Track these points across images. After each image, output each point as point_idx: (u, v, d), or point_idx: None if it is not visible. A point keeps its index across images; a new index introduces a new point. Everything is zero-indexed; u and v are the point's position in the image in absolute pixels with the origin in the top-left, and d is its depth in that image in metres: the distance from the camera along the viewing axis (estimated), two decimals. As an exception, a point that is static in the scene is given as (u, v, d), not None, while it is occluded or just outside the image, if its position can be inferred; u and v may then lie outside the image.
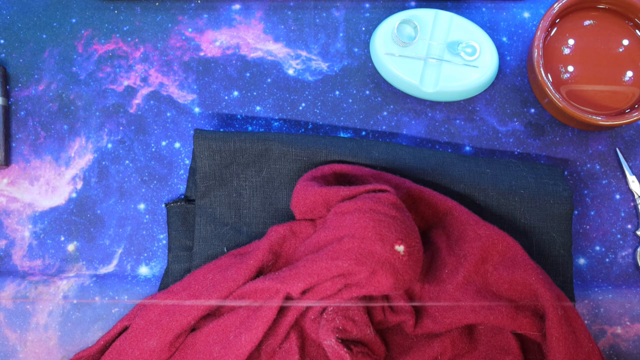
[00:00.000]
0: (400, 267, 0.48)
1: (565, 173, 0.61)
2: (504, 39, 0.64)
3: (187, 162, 0.62)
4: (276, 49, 0.64)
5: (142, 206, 0.62)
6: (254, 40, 0.64)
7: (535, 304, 0.50)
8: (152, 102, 0.63)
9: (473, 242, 0.52)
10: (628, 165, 0.61)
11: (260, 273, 0.54)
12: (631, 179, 0.61)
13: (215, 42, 0.64)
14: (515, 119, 0.63)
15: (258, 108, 0.63)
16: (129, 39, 0.65)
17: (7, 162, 0.62)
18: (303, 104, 0.63)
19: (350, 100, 0.63)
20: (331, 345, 0.50)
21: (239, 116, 0.63)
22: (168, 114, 0.63)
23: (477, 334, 0.53)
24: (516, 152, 0.62)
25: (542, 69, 0.58)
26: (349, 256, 0.48)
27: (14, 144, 0.63)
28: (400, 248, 0.48)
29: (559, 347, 0.48)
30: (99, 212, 0.62)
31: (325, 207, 0.53)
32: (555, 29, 0.61)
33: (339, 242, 0.49)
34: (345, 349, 0.49)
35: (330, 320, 0.51)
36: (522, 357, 0.51)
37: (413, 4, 0.65)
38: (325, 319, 0.51)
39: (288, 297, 0.51)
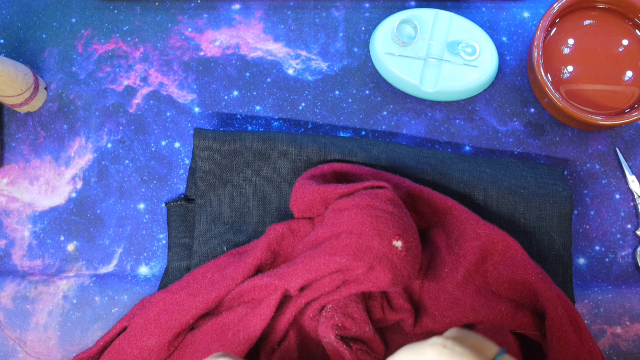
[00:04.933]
0: (399, 263, 0.48)
1: (565, 173, 0.61)
2: (504, 39, 0.64)
3: (187, 162, 0.62)
4: (276, 49, 0.64)
5: (142, 206, 0.62)
6: (254, 40, 0.64)
7: (535, 304, 0.50)
8: (152, 102, 0.63)
9: (473, 242, 0.52)
10: (628, 165, 0.61)
11: (259, 271, 0.54)
12: (631, 179, 0.61)
13: (215, 42, 0.64)
14: (515, 119, 0.63)
15: (258, 108, 0.63)
16: (129, 39, 0.65)
17: (1, 163, 0.62)
18: (303, 104, 0.63)
19: (350, 100, 0.63)
20: (330, 343, 0.50)
21: (239, 116, 0.63)
22: (168, 114, 0.63)
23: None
24: (516, 152, 0.62)
25: (542, 69, 0.58)
26: (346, 252, 0.48)
27: (13, 144, 0.63)
28: (398, 244, 0.48)
29: (559, 347, 0.48)
30: (99, 212, 0.62)
31: (324, 205, 0.53)
32: (555, 29, 0.61)
33: (337, 239, 0.49)
34: (344, 346, 0.49)
35: (329, 318, 0.51)
36: (521, 356, 0.51)
37: (413, 4, 0.65)
38: (325, 317, 0.51)
39: (287, 295, 0.51)
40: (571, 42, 0.61)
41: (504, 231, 0.53)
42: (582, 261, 0.60)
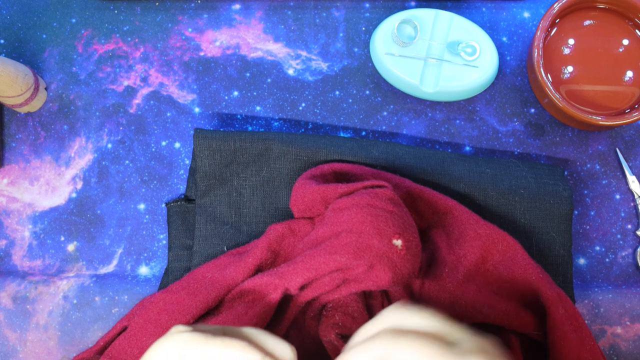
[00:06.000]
0: (399, 261, 0.48)
1: (565, 173, 0.61)
2: (504, 39, 0.64)
3: (187, 162, 0.62)
4: (276, 49, 0.64)
5: (142, 206, 0.62)
6: (254, 40, 0.64)
7: (536, 303, 0.50)
8: (152, 102, 0.63)
9: (473, 242, 0.52)
10: (628, 165, 0.61)
11: (258, 271, 0.54)
12: (631, 179, 0.61)
13: (215, 42, 0.64)
14: (515, 119, 0.63)
15: (258, 108, 0.63)
16: (129, 39, 0.65)
17: (1, 163, 0.62)
18: (303, 104, 0.63)
19: (350, 100, 0.63)
20: (331, 342, 0.50)
21: (239, 116, 0.63)
22: (168, 114, 0.63)
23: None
24: (516, 152, 0.62)
25: (542, 69, 0.58)
26: (346, 250, 0.48)
27: (13, 144, 0.63)
28: (397, 242, 0.48)
29: (560, 347, 0.48)
30: (99, 212, 0.62)
31: (324, 204, 0.53)
32: (555, 29, 0.61)
33: (337, 237, 0.49)
34: (345, 345, 0.49)
35: (329, 317, 0.51)
36: (521, 356, 0.51)
37: (413, 4, 0.65)
38: (325, 316, 0.51)
39: (287, 293, 0.51)
40: (571, 42, 0.61)
41: (504, 231, 0.53)
42: (582, 261, 0.60)
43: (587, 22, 0.61)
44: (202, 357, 0.38)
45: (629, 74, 0.60)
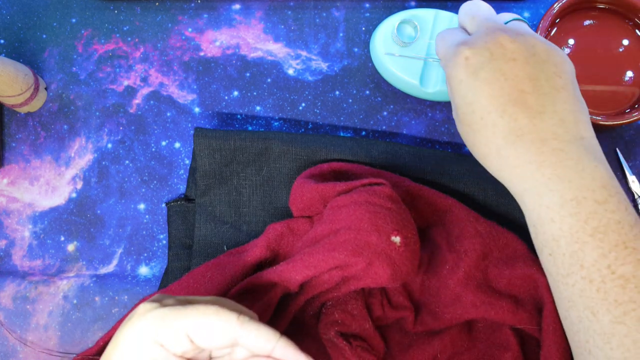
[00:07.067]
0: (397, 258, 0.48)
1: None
2: (504, 39, 0.64)
3: (187, 162, 0.62)
4: (276, 49, 0.64)
5: (142, 206, 0.62)
6: (254, 40, 0.64)
7: (535, 296, 0.51)
8: (152, 102, 0.63)
9: (473, 239, 0.52)
10: (628, 165, 0.61)
11: (258, 270, 0.54)
12: (631, 179, 0.61)
13: (215, 42, 0.64)
14: (515, 119, 0.62)
15: (258, 108, 0.63)
16: (129, 39, 0.65)
17: (1, 163, 0.62)
18: (303, 104, 0.63)
19: (350, 100, 0.63)
20: (330, 340, 0.50)
21: (239, 116, 0.63)
22: (168, 114, 0.63)
23: (475, 332, 0.53)
24: (516, 152, 0.62)
25: (542, 69, 0.58)
26: (345, 247, 0.48)
27: (13, 144, 0.63)
28: (396, 239, 0.48)
29: (554, 337, 0.48)
30: (99, 212, 0.62)
31: (322, 203, 0.53)
32: (555, 29, 0.61)
33: (335, 235, 0.49)
34: (344, 342, 0.49)
35: (328, 315, 0.51)
36: (521, 353, 0.51)
37: (413, 4, 0.65)
38: (324, 313, 0.51)
39: (286, 292, 0.51)
40: (571, 42, 0.61)
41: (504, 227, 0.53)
42: (582, 261, 0.60)
43: (587, 22, 0.61)
44: (177, 331, 0.38)
45: (629, 74, 0.60)
